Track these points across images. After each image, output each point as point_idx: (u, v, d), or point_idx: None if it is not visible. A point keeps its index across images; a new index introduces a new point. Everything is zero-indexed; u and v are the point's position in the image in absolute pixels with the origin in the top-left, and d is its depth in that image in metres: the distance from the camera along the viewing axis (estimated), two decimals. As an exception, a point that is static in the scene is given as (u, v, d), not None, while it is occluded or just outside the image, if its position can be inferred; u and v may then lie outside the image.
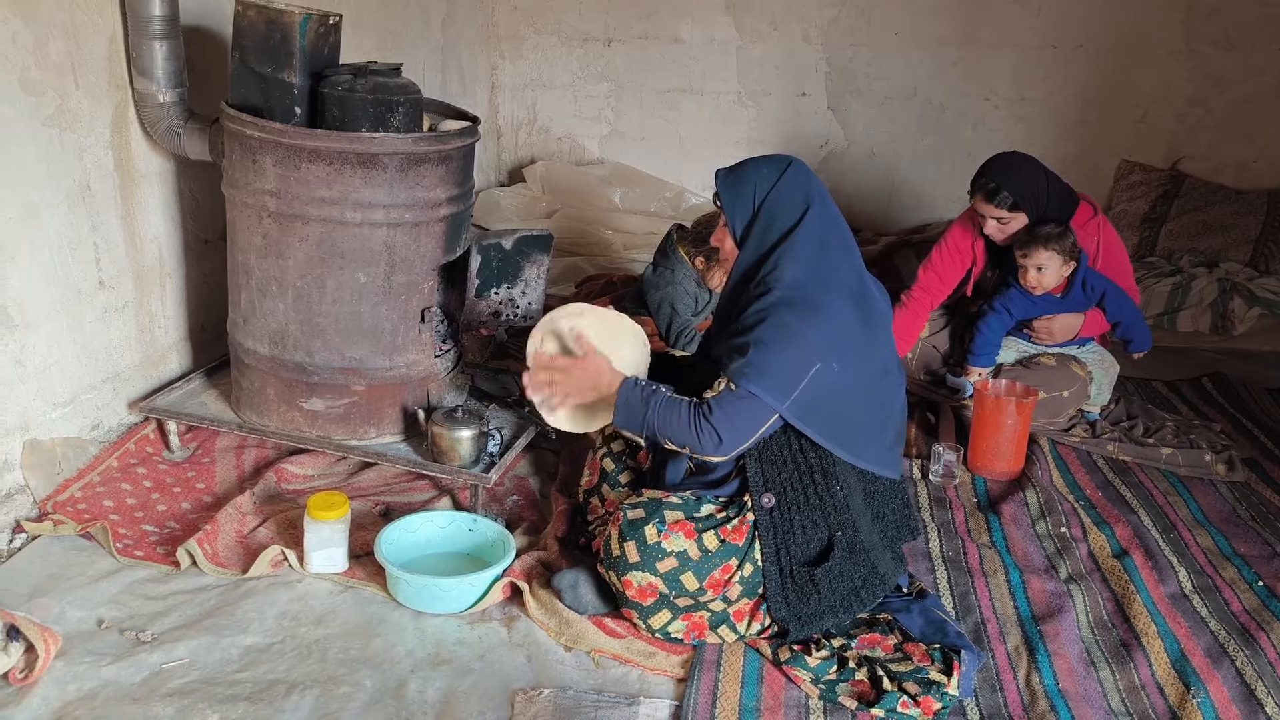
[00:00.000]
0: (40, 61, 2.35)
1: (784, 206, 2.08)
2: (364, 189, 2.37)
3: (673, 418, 2.01)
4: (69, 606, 2.11)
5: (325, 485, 2.67)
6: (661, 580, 1.99)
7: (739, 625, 2.05)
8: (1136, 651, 2.12)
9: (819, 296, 2.00)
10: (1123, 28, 4.56)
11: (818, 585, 2.00)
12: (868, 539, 2.06)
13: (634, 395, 2.08)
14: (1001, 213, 3.02)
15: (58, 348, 2.51)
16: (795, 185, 2.10)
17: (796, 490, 2.03)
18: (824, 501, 2.03)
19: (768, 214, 2.09)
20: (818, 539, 2.03)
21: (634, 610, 2.04)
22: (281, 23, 2.37)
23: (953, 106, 4.88)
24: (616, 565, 2.03)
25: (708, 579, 2.00)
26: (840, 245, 2.11)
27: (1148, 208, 4.61)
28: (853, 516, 2.04)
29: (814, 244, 2.05)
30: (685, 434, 2.01)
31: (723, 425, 1.97)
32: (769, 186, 2.10)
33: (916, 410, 3.30)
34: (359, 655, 2.02)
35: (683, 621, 2.03)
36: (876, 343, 2.09)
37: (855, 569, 2.04)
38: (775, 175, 2.11)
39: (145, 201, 2.74)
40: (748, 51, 5.05)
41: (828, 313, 1.98)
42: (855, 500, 2.05)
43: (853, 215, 5.02)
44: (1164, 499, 2.78)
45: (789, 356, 1.94)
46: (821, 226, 2.08)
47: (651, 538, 2.00)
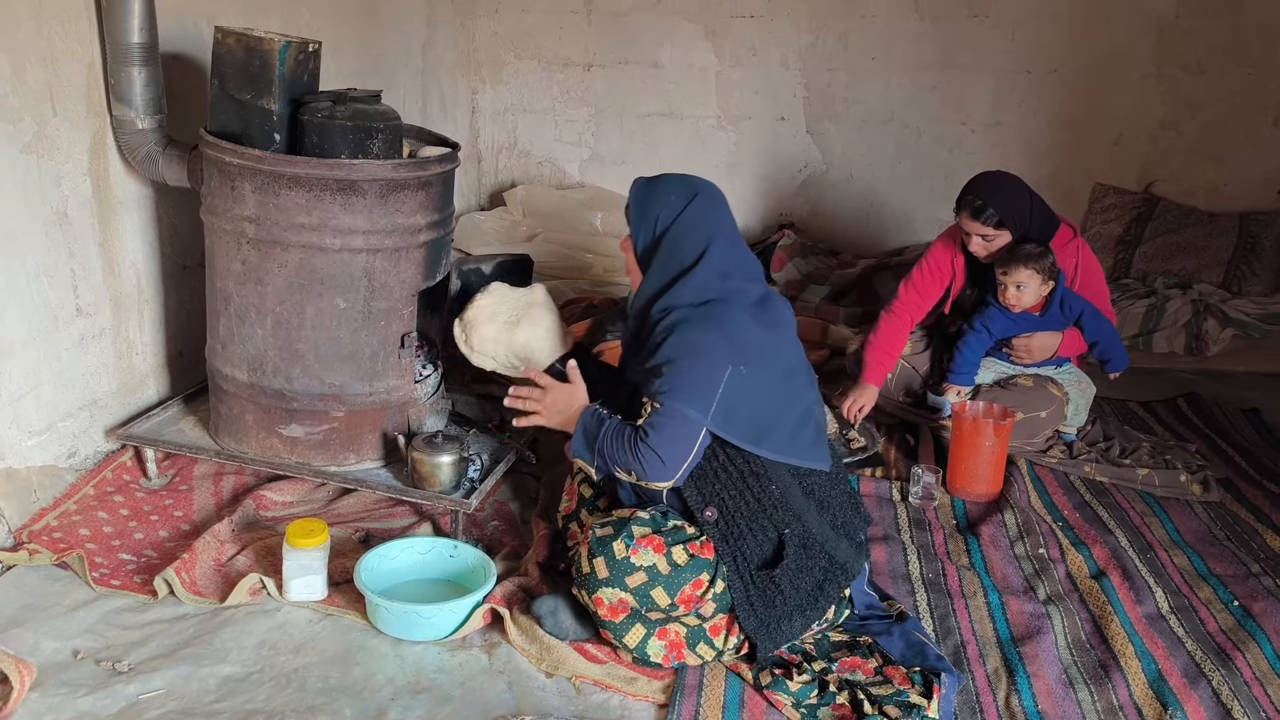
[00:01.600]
0: (18, 89, 2.35)
1: (685, 241, 2.14)
2: (343, 215, 2.37)
3: (620, 444, 2.05)
4: (44, 637, 2.09)
5: (304, 512, 2.65)
6: (632, 595, 2.00)
7: (716, 640, 2.05)
8: (1114, 672, 2.13)
9: (717, 309, 2.06)
10: (1095, 52, 4.63)
11: (779, 586, 2.01)
12: (818, 531, 2.08)
13: (590, 422, 2.12)
14: (987, 230, 3.06)
15: (34, 375, 2.50)
16: (698, 219, 2.15)
17: (734, 498, 2.05)
18: (763, 504, 2.05)
19: (670, 245, 2.15)
20: (768, 540, 2.05)
21: (609, 630, 2.04)
22: (261, 50, 2.38)
23: (929, 130, 4.93)
24: (587, 583, 2.03)
25: (679, 594, 2.00)
26: (741, 271, 2.16)
27: (1122, 230, 4.66)
28: (796, 512, 2.06)
29: (715, 275, 2.11)
30: (630, 460, 2.04)
31: (660, 446, 2.00)
32: (672, 216, 2.16)
33: (895, 432, 3.33)
34: (338, 684, 2.01)
35: (659, 641, 2.03)
36: (779, 345, 2.14)
37: (812, 563, 2.06)
38: (680, 205, 2.16)
39: (123, 228, 2.74)
40: (727, 76, 5.09)
41: (727, 320, 2.05)
42: (794, 496, 2.07)
43: (831, 238, 5.08)
44: (1141, 519, 2.81)
45: (701, 367, 2.00)
46: (722, 260, 2.12)
47: (620, 553, 2.01)
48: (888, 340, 3.30)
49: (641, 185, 2.25)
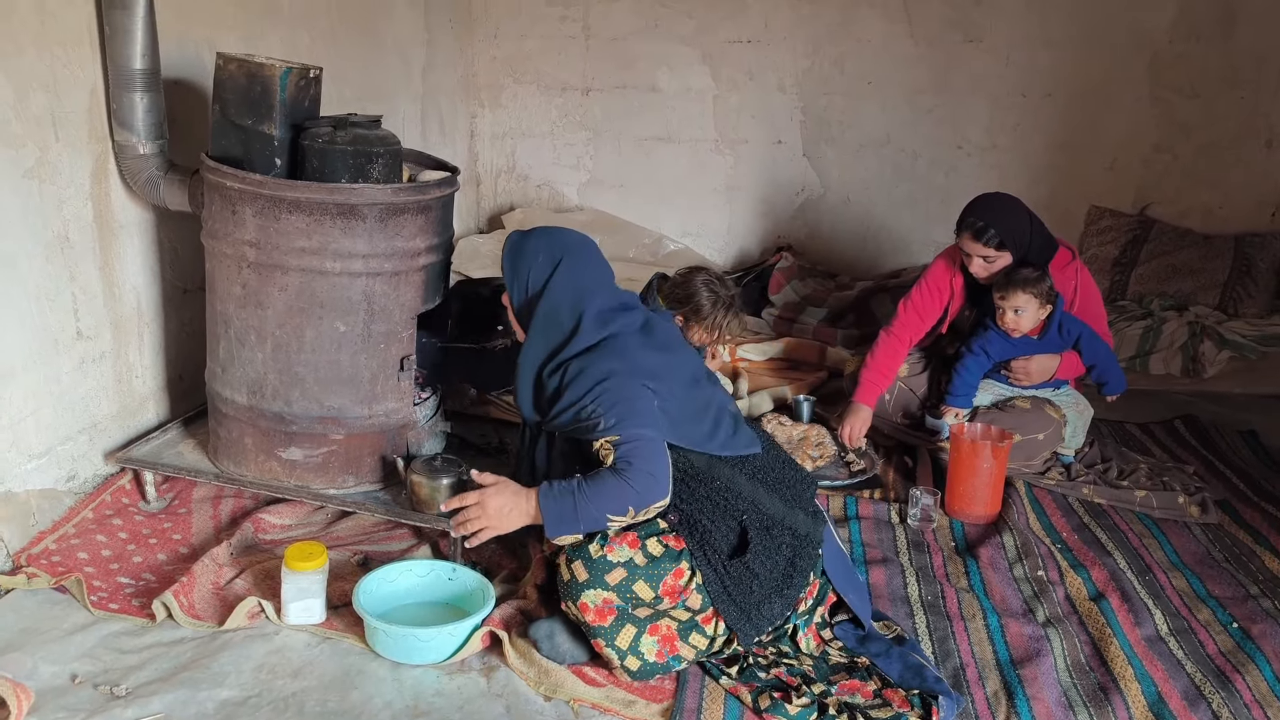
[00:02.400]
0: (21, 114, 2.37)
1: (560, 305, 2.22)
2: (343, 239, 2.39)
3: (605, 493, 2.02)
4: (42, 661, 2.08)
5: (303, 535, 2.66)
6: (615, 594, 2.01)
7: (707, 628, 2.07)
8: (1114, 695, 2.13)
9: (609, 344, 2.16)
10: (1090, 76, 4.66)
11: (752, 570, 2.04)
12: (774, 511, 2.13)
13: (557, 499, 2.06)
14: (989, 251, 3.08)
15: (34, 399, 2.50)
16: (568, 283, 2.23)
17: (687, 499, 2.10)
18: (714, 499, 2.10)
19: (546, 310, 2.22)
20: (731, 530, 2.09)
21: (600, 637, 2.04)
22: (262, 76, 2.40)
23: (925, 154, 4.96)
24: (570, 590, 2.04)
25: (661, 585, 2.02)
26: (618, 314, 2.22)
27: (1118, 252, 4.68)
28: (748, 499, 2.11)
29: (594, 330, 2.18)
30: (625, 494, 2.02)
31: (646, 467, 2.03)
32: (541, 280, 2.24)
33: (894, 454, 3.33)
34: (337, 708, 2.01)
35: (651, 638, 2.04)
36: (675, 363, 2.22)
37: (778, 542, 2.10)
38: (548, 269, 2.24)
39: (124, 252, 2.75)
40: (724, 100, 5.13)
41: (621, 349, 2.14)
42: (740, 483, 2.13)
43: (828, 260, 5.10)
44: (1139, 541, 2.81)
45: (628, 393, 2.08)
46: (599, 315, 2.19)
47: (595, 553, 2.03)
48: (885, 360, 3.31)
49: (514, 242, 2.32)
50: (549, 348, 2.21)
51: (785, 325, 4.55)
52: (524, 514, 2.14)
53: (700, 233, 5.34)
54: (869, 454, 3.25)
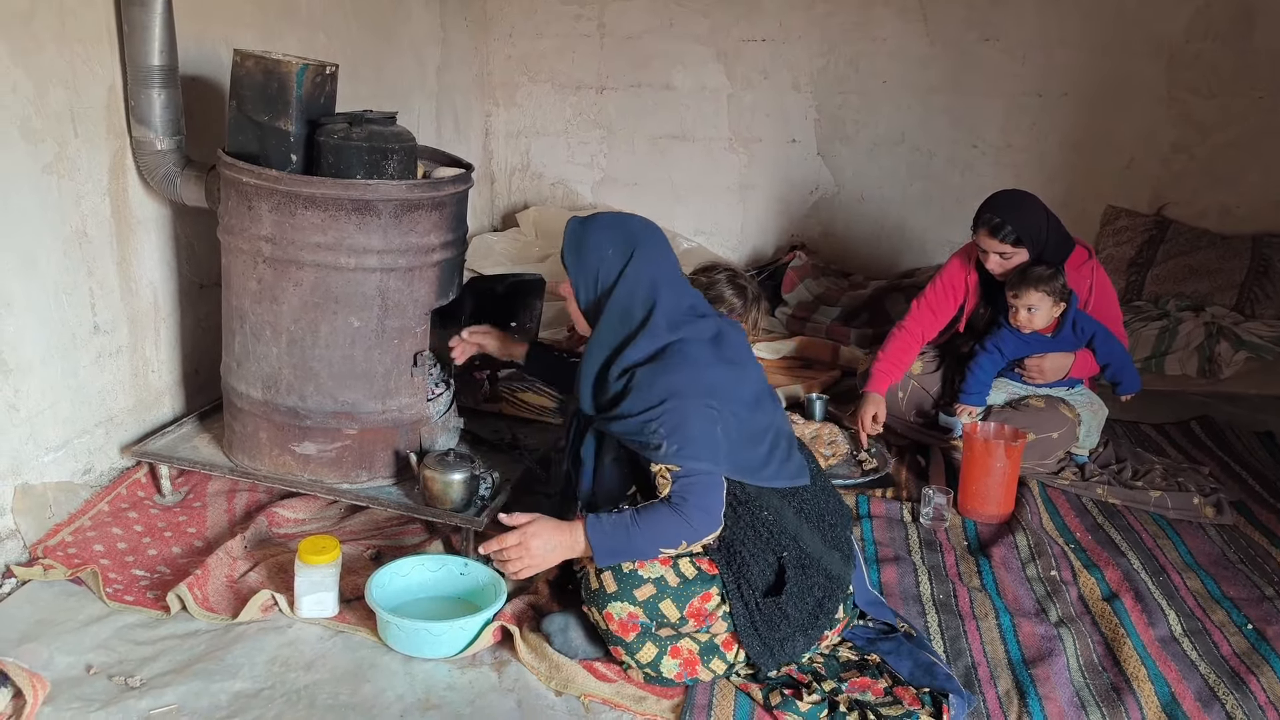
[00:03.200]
0: (40, 110, 2.39)
1: (632, 300, 2.12)
2: (358, 235, 2.40)
3: (661, 526, 1.99)
4: (57, 652, 2.10)
5: (316, 529, 2.67)
6: (641, 609, 2.00)
7: (728, 654, 2.06)
8: (1127, 695, 2.12)
9: (675, 356, 2.05)
10: (1106, 76, 4.64)
11: (784, 610, 2.02)
12: (813, 549, 2.08)
13: (608, 530, 2.01)
14: (1005, 248, 3.07)
15: (52, 392, 2.52)
16: (640, 276, 2.13)
17: (729, 528, 2.05)
18: (758, 530, 2.05)
19: (616, 305, 2.13)
20: (769, 565, 2.05)
21: (621, 648, 2.04)
22: (279, 72, 2.42)
23: (941, 153, 4.95)
24: (596, 599, 2.03)
25: (688, 607, 2.00)
26: (689, 315, 2.14)
27: (1134, 252, 4.66)
28: (791, 534, 2.06)
29: (664, 329, 2.09)
30: (681, 530, 1.99)
31: (702, 504, 1.99)
32: (614, 275, 2.14)
33: (907, 453, 3.33)
34: (349, 701, 2.02)
35: (673, 659, 2.03)
36: (741, 378, 2.13)
37: (811, 582, 2.06)
38: (620, 262, 2.13)
39: (141, 247, 2.77)
40: (738, 99, 5.13)
41: (687, 363, 2.04)
42: (787, 518, 2.07)
43: (843, 259, 5.09)
44: (1153, 542, 2.80)
45: (692, 419, 1.99)
46: (671, 311, 2.11)
47: (627, 565, 2.01)
48: (897, 354, 3.32)
49: (576, 233, 2.20)
50: (617, 340, 2.12)
51: (799, 324, 4.55)
52: (568, 549, 2.06)
53: (714, 231, 5.34)
54: (881, 452, 3.24)
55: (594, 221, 2.20)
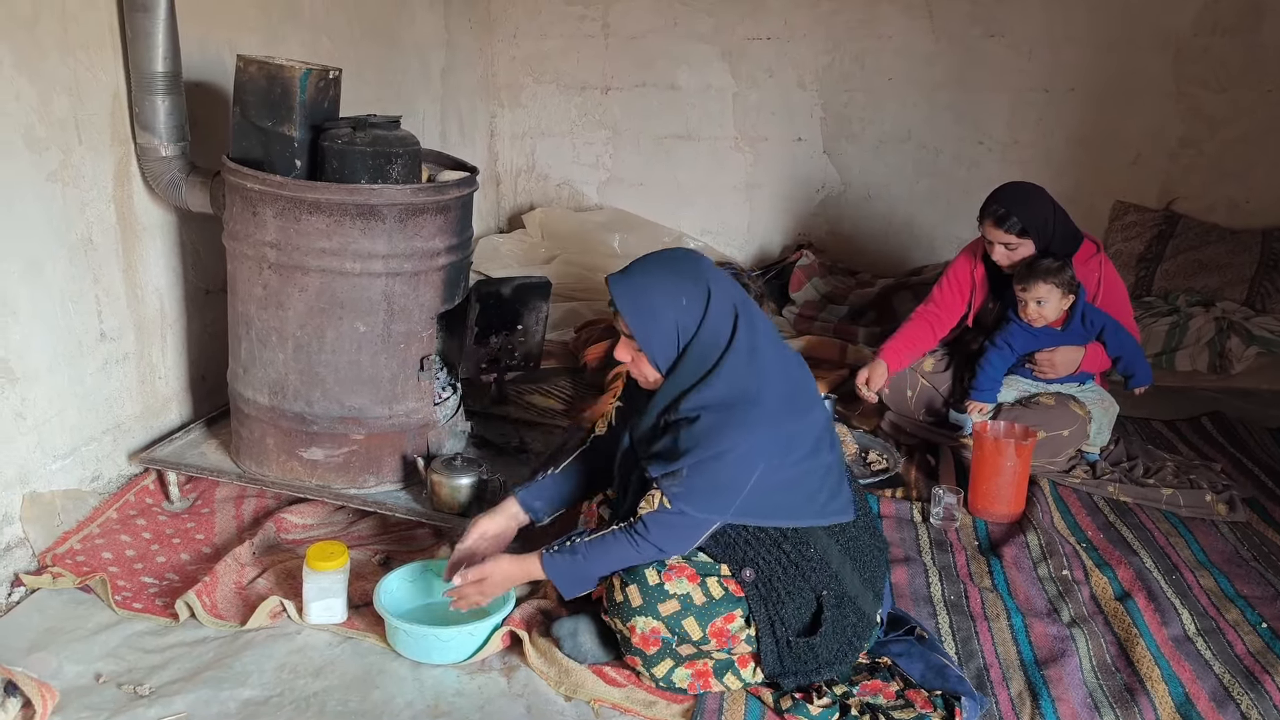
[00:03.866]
0: (44, 118, 2.39)
1: (714, 336, 1.93)
2: (363, 240, 2.39)
3: (611, 553, 1.99)
4: (66, 661, 2.10)
5: (325, 534, 2.67)
6: (664, 625, 1.98)
7: (744, 672, 2.04)
8: (1140, 696, 2.10)
9: (750, 405, 1.91)
10: (1113, 71, 4.61)
11: (814, 649, 1.98)
12: (851, 587, 2.03)
13: (561, 565, 2.03)
14: (1010, 238, 3.07)
15: (58, 400, 2.52)
16: (720, 315, 1.93)
17: (770, 562, 1.99)
18: (800, 567, 1.99)
19: (700, 350, 1.93)
20: (806, 604, 2.00)
21: (638, 658, 2.03)
22: (282, 78, 2.41)
23: (947, 150, 4.93)
24: (620, 611, 2.02)
25: (710, 626, 1.98)
26: (766, 337, 2.00)
27: (1143, 248, 4.64)
28: (834, 571, 2.01)
29: (744, 354, 1.94)
30: (628, 557, 1.99)
31: (661, 541, 1.97)
32: (696, 323, 1.93)
33: (916, 452, 3.31)
34: (358, 708, 2.01)
35: (686, 670, 2.02)
36: (807, 422, 1.99)
37: (845, 620, 2.02)
38: (700, 310, 1.92)
39: (147, 254, 2.77)
40: (744, 98, 5.11)
41: (761, 414, 1.90)
42: (832, 555, 2.01)
43: (850, 257, 5.08)
44: (1166, 540, 2.78)
45: (727, 472, 1.90)
46: (750, 335, 1.95)
47: (652, 579, 1.99)
48: (909, 335, 3.34)
49: (632, 293, 1.94)
50: (693, 380, 1.94)
51: (806, 323, 4.53)
52: (526, 576, 2.09)
53: (720, 231, 5.33)
54: (891, 452, 3.23)
55: (649, 276, 1.96)
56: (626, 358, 2.03)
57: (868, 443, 3.31)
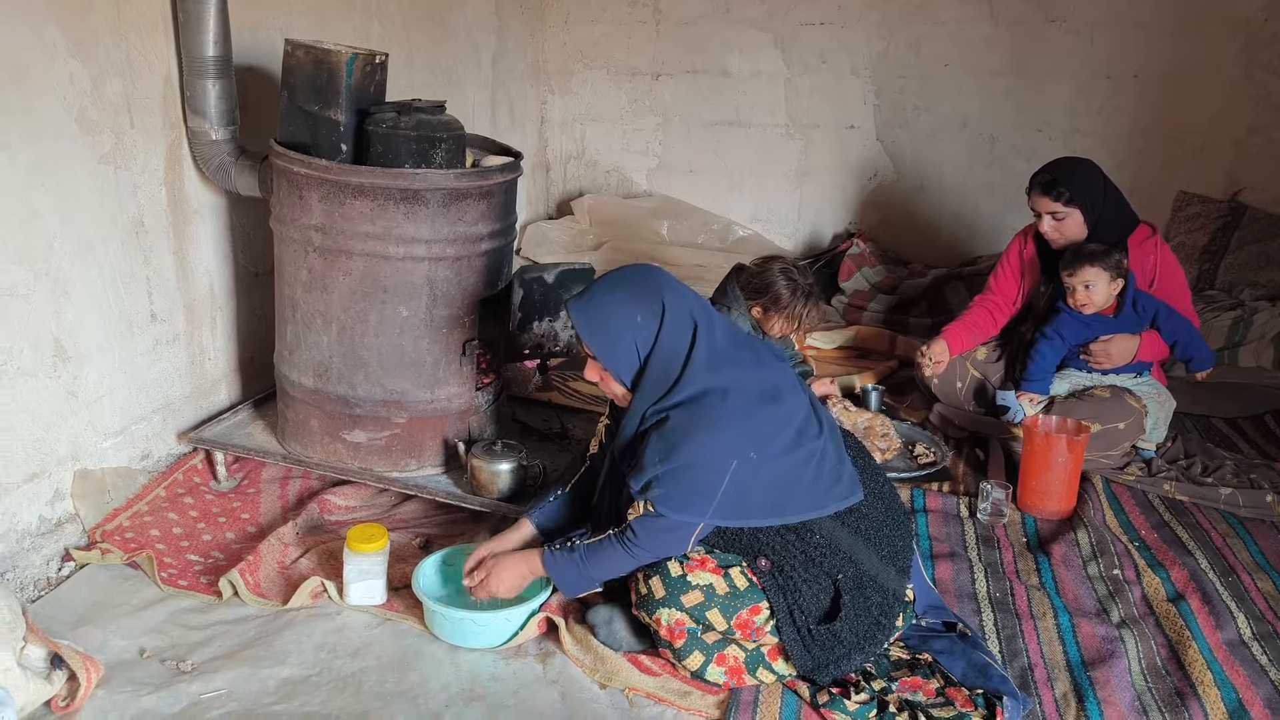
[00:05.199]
0: (97, 101, 2.42)
1: (671, 354, 1.97)
2: (406, 224, 2.40)
3: (606, 560, 2.04)
4: (112, 635, 2.14)
5: (367, 516, 2.69)
6: (688, 615, 1.97)
7: (775, 665, 2.01)
8: (1191, 700, 2.04)
9: (716, 398, 1.93)
10: (1179, 56, 4.47)
11: (838, 635, 1.96)
12: (869, 566, 2.00)
13: (560, 565, 2.08)
14: (1057, 207, 3.02)
15: (109, 379, 2.57)
16: (675, 328, 1.97)
17: (780, 550, 1.98)
18: (810, 555, 1.97)
19: (660, 362, 1.97)
20: (825, 590, 1.98)
21: (669, 651, 2.02)
22: (329, 62, 2.42)
23: (1004, 138, 4.82)
24: (646, 604, 2.01)
25: (735, 618, 1.97)
26: (726, 338, 2.02)
27: (1207, 240, 4.49)
28: (846, 554, 1.99)
29: (705, 358, 1.96)
30: (623, 564, 2.03)
31: (651, 546, 1.99)
32: (652, 337, 1.96)
33: (965, 446, 3.25)
34: (394, 689, 2.02)
35: (719, 667, 2.00)
36: (784, 411, 1.99)
37: (869, 601, 1.99)
38: (655, 325, 1.96)
39: (197, 236, 2.81)
40: (795, 84, 5.05)
41: (729, 408, 1.92)
42: (840, 539, 1.99)
43: (901, 247, 5.00)
44: (1223, 541, 2.69)
45: (699, 472, 1.91)
46: (709, 339, 1.98)
47: (676, 571, 1.99)
48: (967, 325, 3.32)
49: (587, 314, 1.99)
50: (659, 394, 1.98)
51: (856, 313, 4.48)
52: (532, 573, 2.15)
53: (770, 219, 5.28)
54: (939, 445, 3.17)
55: (604, 297, 2.00)
56: (595, 377, 2.08)
57: (915, 435, 3.26)
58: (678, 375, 1.97)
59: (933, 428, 3.37)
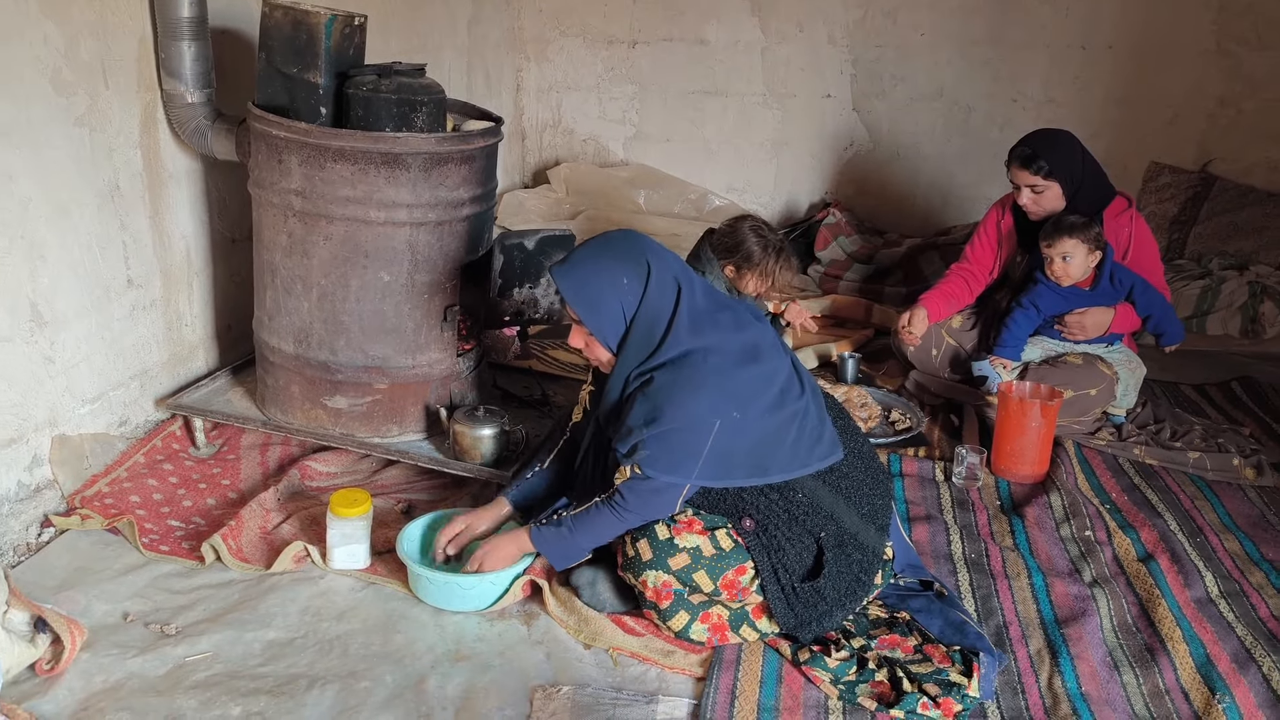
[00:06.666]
0: (71, 62, 2.38)
1: (655, 317, 1.99)
2: (387, 188, 2.39)
3: (595, 526, 2.05)
4: (95, 600, 2.14)
5: (348, 482, 2.69)
6: (675, 578, 1.99)
7: (759, 623, 2.05)
8: (1161, 656, 2.09)
9: (699, 359, 1.96)
10: (1153, 28, 4.51)
11: (821, 592, 1.99)
12: (850, 525, 2.04)
13: (549, 540, 2.10)
14: (1036, 180, 3.05)
15: (86, 345, 2.54)
16: (660, 291, 1.99)
17: (764, 509, 2.01)
18: (792, 514, 2.01)
19: (644, 324, 1.99)
20: (807, 549, 2.01)
21: (654, 612, 2.05)
22: (307, 23, 2.40)
23: (979, 108, 4.84)
24: (632, 566, 2.03)
25: (722, 578, 1.99)
26: (706, 300, 2.05)
27: (1177, 210, 4.55)
28: (827, 512, 2.02)
29: (687, 319, 1.99)
30: (612, 529, 2.05)
31: (639, 509, 2.01)
32: (637, 299, 1.98)
33: (940, 412, 3.29)
34: (380, 651, 2.04)
35: (702, 624, 2.03)
36: (766, 371, 2.02)
37: (849, 558, 2.03)
38: (640, 288, 1.98)
39: (173, 201, 2.78)
40: (773, 53, 5.04)
41: (711, 369, 1.95)
42: (822, 497, 2.03)
43: (877, 217, 5.02)
44: (1191, 503, 2.75)
45: (684, 434, 1.93)
46: (690, 301, 2.00)
47: (663, 534, 2.01)
48: (943, 292, 3.36)
49: (573, 279, 2.00)
50: (642, 358, 2.01)
51: (832, 282, 4.50)
52: (521, 551, 2.16)
53: (746, 188, 5.28)
54: (914, 411, 3.21)
55: (589, 262, 2.01)
56: (580, 343, 2.09)
57: (891, 401, 3.29)
58: (661, 337, 1.98)
59: (908, 394, 3.41)
